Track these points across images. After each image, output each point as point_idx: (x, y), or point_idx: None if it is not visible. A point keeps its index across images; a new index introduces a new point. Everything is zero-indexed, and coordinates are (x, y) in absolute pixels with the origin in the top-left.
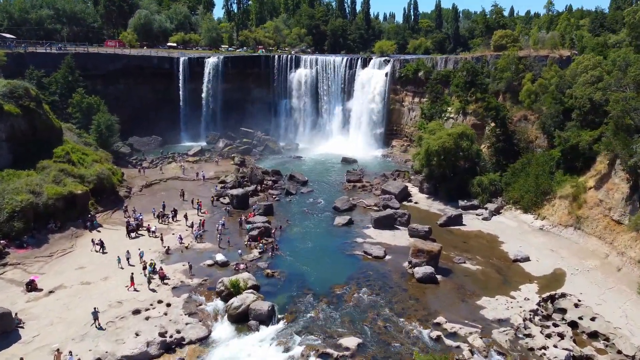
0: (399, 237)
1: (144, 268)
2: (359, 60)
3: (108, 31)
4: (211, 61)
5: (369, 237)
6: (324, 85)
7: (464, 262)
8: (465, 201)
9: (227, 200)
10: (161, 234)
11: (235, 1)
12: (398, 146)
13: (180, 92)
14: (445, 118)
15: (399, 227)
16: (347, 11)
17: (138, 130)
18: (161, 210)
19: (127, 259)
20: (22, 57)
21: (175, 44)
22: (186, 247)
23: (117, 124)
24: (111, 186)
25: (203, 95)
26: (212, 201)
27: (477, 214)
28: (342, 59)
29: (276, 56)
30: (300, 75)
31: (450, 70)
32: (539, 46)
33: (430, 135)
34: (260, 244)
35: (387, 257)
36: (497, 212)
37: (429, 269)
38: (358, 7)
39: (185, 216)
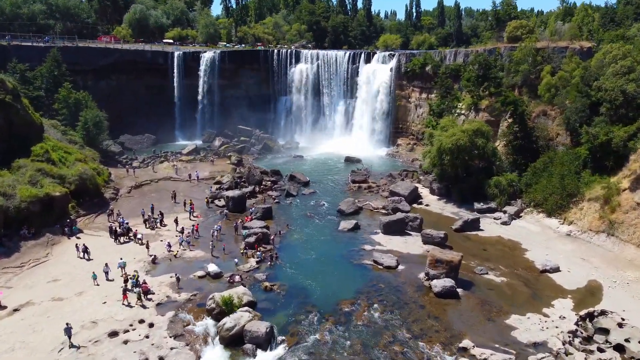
0: (412, 244)
1: (125, 281)
2: (363, 55)
3: (103, 27)
4: (207, 56)
5: (378, 244)
6: (326, 81)
7: (487, 273)
8: (482, 204)
9: (222, 202)
10: (147, 241)
11: None
12: (404, 145)
13: (175, 89)
14: (456, 115)
15: (411, 232)
16: (349, 8)
17: (130, 128)
18: (149, 213)
19: (106, 273)
20: (4, 50)
21: (171, 40)
22: (175, 256)
23: (106, 120)
24: (95, 187)
25: (199, 91)
26: (207, 203)
27: (495, 218)
28: (345, 53)
29: (275, 51)
30: (300, 71)
31: (460, 64)
32: (556, 37)
33: (442, 132)
34: (258, 252)
35: (400, 267)
36: (517, 215)
37: (448, 282)
38: (359, 5)
39: (176, 220)
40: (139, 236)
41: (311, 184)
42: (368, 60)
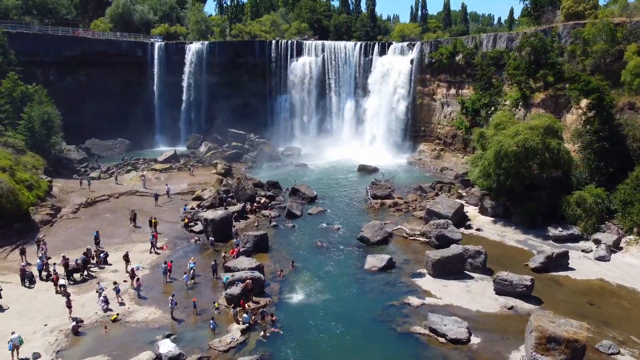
0: (479, 295)
1: None
2: (376, 46)
3: (84, 24)
4: (194, 48)
5: (428, 295)
6: (333, 76)
7: (618, 353)
8: (560, 229)
9: (199, 226)
10: (68, 296)
11: None
12: (428, 151)
13: (155, 86)
14: (500, 112)
15: (471, 273)
16: (351, 8)
17: (101, 131)
18: (89, 246)
19: None
20: None
21: (159, 38)
22: (113, 320)
23: (59, 119)
24: (16, 207)
25: (184, 89)
26: (185, 225)
27: (583, 250)
28: (355, 44)
29: (273, 42)
30: (303, 65)
31: (502, 50)
32: (628, 13)
33: (498, 130)
34: (245, 314)
35: (473, 339)
36: (616, 246)
37: None
38: (363, 6)
39: (126, 257)
40: (62, 282)
41: (319, 200)
42: (383, 51)
